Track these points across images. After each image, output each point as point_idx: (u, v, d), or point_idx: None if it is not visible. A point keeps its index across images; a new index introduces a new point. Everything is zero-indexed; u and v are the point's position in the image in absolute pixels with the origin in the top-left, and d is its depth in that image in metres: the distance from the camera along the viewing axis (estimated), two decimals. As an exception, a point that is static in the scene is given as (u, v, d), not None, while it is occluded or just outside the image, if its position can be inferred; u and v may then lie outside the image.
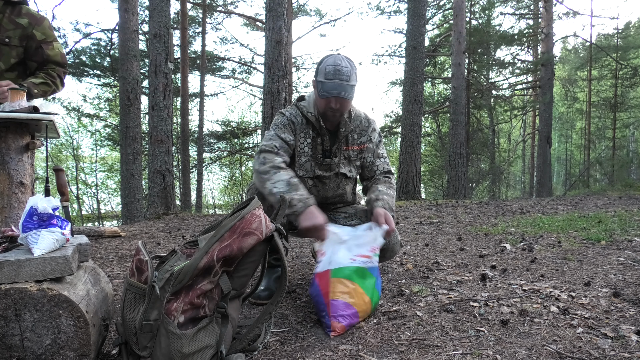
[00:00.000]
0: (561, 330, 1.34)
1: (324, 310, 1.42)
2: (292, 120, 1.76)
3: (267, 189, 1.57)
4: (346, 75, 1.60)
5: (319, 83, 1.63)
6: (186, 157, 12.00)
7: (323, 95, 1.63)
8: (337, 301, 1.41)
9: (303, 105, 1.78)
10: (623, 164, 16.49)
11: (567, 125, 25.38)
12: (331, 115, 1.70)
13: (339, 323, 1.38)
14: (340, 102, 1.63)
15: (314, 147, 1.78)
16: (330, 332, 1.37)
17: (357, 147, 1.84)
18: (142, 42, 11.53)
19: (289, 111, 1.80)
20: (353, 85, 1.63)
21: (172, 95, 6.41)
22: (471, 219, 4.45)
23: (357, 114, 1.84)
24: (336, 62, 1.61)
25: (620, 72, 15.28)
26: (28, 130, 2.07)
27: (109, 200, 16.96)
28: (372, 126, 1.87)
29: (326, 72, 1.61)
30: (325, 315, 1.41)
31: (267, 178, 1.58)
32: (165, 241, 3.51)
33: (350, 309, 1.41)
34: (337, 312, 1.39)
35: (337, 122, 1.75)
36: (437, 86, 18.34)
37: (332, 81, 1.59)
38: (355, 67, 1.66)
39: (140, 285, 1.07)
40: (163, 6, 6.00)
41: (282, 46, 5.42)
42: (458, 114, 10.09)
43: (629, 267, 2.11)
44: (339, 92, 1.60)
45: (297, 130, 1.76)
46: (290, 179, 1.57)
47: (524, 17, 15.11)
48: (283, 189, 1.53)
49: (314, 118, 1.73)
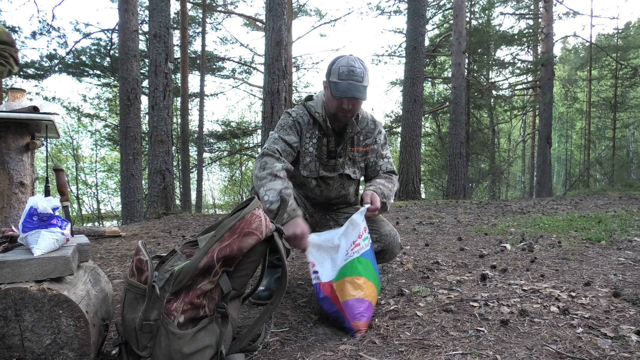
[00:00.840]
0: (561, 330, 1.34)
1: (342, 317, 1.42)
2: (299, 121, 1.76)
3: (260, 194, 1.58)
4: (360, 76, 1.60)
5: (332, 84, 1.63)
6: (186, 157, 12.00)
7: (337, 95, 1.62)
8: (348, 301, 1.41)
9: (311, 105, 1.77)
10: (623, 164, 16.49)
11: (567, 125, 25.38)
12: (342, 116, 1.69)
13: (360, 321, 1.39)
14: (353, 102, 1.63)
15: (319, 147, 1.78)
16: (356, 333, 1.37)
17: (362, 148, 1.84)
18: (142, 42, 11.53)
19: (295, 111, 1.80)
20: (366, 86, 1.63)
21: (172, 95, 6.41)
22: (471, 219, 4.45)
23: (364, 116, 1.85)
24: (349, 63, 1.60)
25: (620, 72, 15.28)
26: (28, 130, 2.08)
27: (109, 200, 16.98)
28: (378, 128, 1.87)
29: (340, 73, 1.60)
30: (345, 321, 1.41)
31: (262, 184, 1.60)
32: (165, 241, 3.51)
33: (363, 303, 1.42)
34: (354, 312, 1.40)
35: (345, 123, 1.75)
36: (437, 86, 18.34)
37: (346, 82, 1.59)
38: (367, 69, 1.66)
39: (140, 285, 1.06)
40: (163, 6, 6.00)
41: (282, 46, 5.42)
42: (458, 114, 10.09)
43: (629, 267, 2.11)
44: (353, 93, 1.59)
45: (303, 131, 1.76)
46: (283, 190, 1.57)
47: (524, 17, 15.11)
48: (273, 199, 1.54)
49: (321, 118, 1.73)
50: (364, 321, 1.39)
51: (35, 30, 11.59)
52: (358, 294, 1.42)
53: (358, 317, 1.39)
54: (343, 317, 1.41)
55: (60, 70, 12.70)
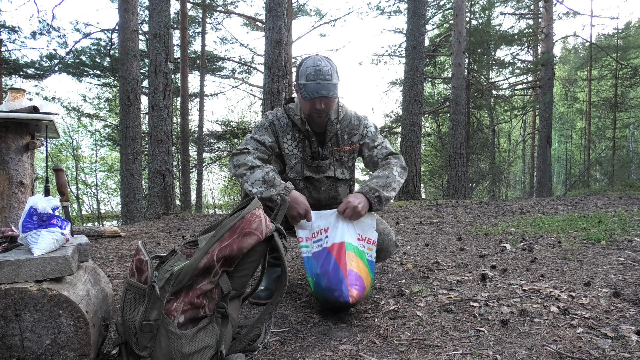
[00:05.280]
0: (561, 330, 1.34)
1: (342, 279, 1.46)
2: (274, 123, 1.77)
3: (247, 189, 1.60)
4: (327, 74, 1.60)
5: (302, 86, 1.63)
6: (186, 157, 12.00)
7: (307, 97, 1.62)
8: (352, 271, 1.48)
9: (290, 108, 1.78)
10: (623, 164, 16.49)
11: (567, 125, 25.37)
12: (317, 117, 1.69)
13: (356, 291, 1.44)
14: (324, 102, 1.63)
15: (303, 149, 1.78)
16: (349, 297, 1.42)
17: (348, 147, 1.83)
18: (142, 42, 11.53)
19: (273, 113, 1.81)
20: (335, 84, 1.63)
21: (172, 95, 6.41)
22: (471, 219, 4.45)
23: (347, 114, 1.83)
24: (316, 63, 1.61)
25: (620, 72, 15.27)
26: (28, 130, 2.08)
27: (109, 200, 16.98)
28: (362, 123, 1.84)
29: (307, 74, 1.60)
30: (343, 284, 1.45)
31: (244, 180, 1.61)
32: (165, 241, 3.51)
33: (361, 281, 1.49)
34: (353, 281, 1.46)
35: (323, 123, 1.75)
36: (437, 86, 18.34)
37: (314, 82, 1.59)
38: (335, 66, 1.65)
39: (140, 285, 1.06)
40: (163, 6, 6.00)
41: (282, 46, 5.42)
42: (458, 114, 10.09)
43: (629, 267, 2.11)
44: (322, 92, 1.60)
45: (280, 133, 1.76)
46: (265, 176, 1.58)
47: (524, 17, 15.11)
48: (261, 188, 1.57)
49: (299, 121, 1.73)
50: (357, 292, 1.45)
51: (35, 30, 11.61)
52: (360, 273, 1.51)
53: (355, 287, 1.45)
54: (342, 278, 1.46)
55: (60, 70, 12.70)
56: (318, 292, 1.54)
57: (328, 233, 1.59)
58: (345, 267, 1.48)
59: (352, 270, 1.48)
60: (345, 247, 1.54)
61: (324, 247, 1.57)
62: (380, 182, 1.68)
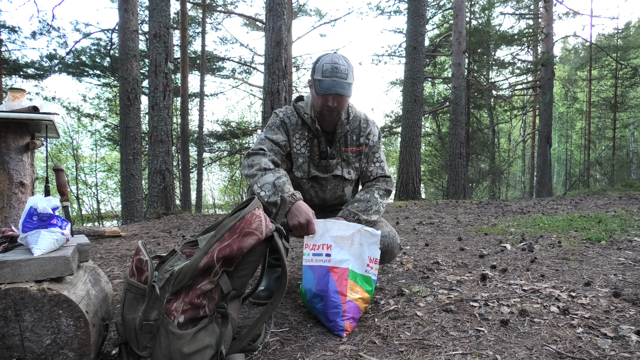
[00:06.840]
0: (561, 330, 1.34)
1: (339, 310, 1.41)
2: (285, 121, 1.76)
3: (256, 192, 1.59)
4: (344, 73, 1.59)
5: (316, 81, 1.63)
6: (186, 157, 11.99)
7: (321, 92, 1.61)
8: (351, 303, 1.43)
9: (300, 106, 1.77)
10: (623, 164, 16.48)
11: (567, 125, 25.37)
12: (328, 114, 1.69)
13: (351, 324, 1.41)
14: (337, 99, 1.63)
15: (311, 148, 1.77)
16: (343, 332, 1.38)
17: (355, 148, 1.83)
18: (142, 42, 11.53)
19: (283, 111, 1.80)
20: (350, 84, 1.63)
21: (172, 95, 6.40)
22: (471, 219, 4.45)
23: (357, 115, 1.83)
24: (333, 60, 1.60)
25: (620, 72, 15.27)
26: (28, 130, 2.08)
27: (109, 200, 16.96)
28: (370, 127, 1.84)
29: (324, 70, 1.60)
30: (340, 315, 1.41)
31: (254, 181, 1.60)
32: (165, 241, 3.51)
33: (358, 314, 1.45)
34: (351, 314, 1.42)
35: (334, 122, 1.74)
36: (437, 86, 18.34)
37: (329, 79, 1.59)
38: (352, 66, 1.65)
39: (140, 285, 1.06)
40: (163, 6, 6.00)
41: (282, 46, 5.42)
42: (458, 114, 10.09)
43: (629, 267, 2.11)
44: (337, 90, 1.59)
45: (290, 131, 1.76)
46: (276, 181, 1.56)
47: (524, 17, 15.11)
48: (269, 192, 1.54)
49: (309, 119, 1.73)
50: (352, 325, 1.41)
51: (35, 30, 11.60)
52: (360, 304, 1.46)
53: (351, 320, 1.41)
54: (340, 308, 1.41)
55: (60, 70, 12.70)
56: (311, 307, 1.52)
57: (330, 251, 1.51)
58: (345, 297, 1.42)
59: (351, 302, 1.42)
60: (349, 275, 1.46)
61: (323, 265, 1.49)
62: (361, 206, 1.71)
